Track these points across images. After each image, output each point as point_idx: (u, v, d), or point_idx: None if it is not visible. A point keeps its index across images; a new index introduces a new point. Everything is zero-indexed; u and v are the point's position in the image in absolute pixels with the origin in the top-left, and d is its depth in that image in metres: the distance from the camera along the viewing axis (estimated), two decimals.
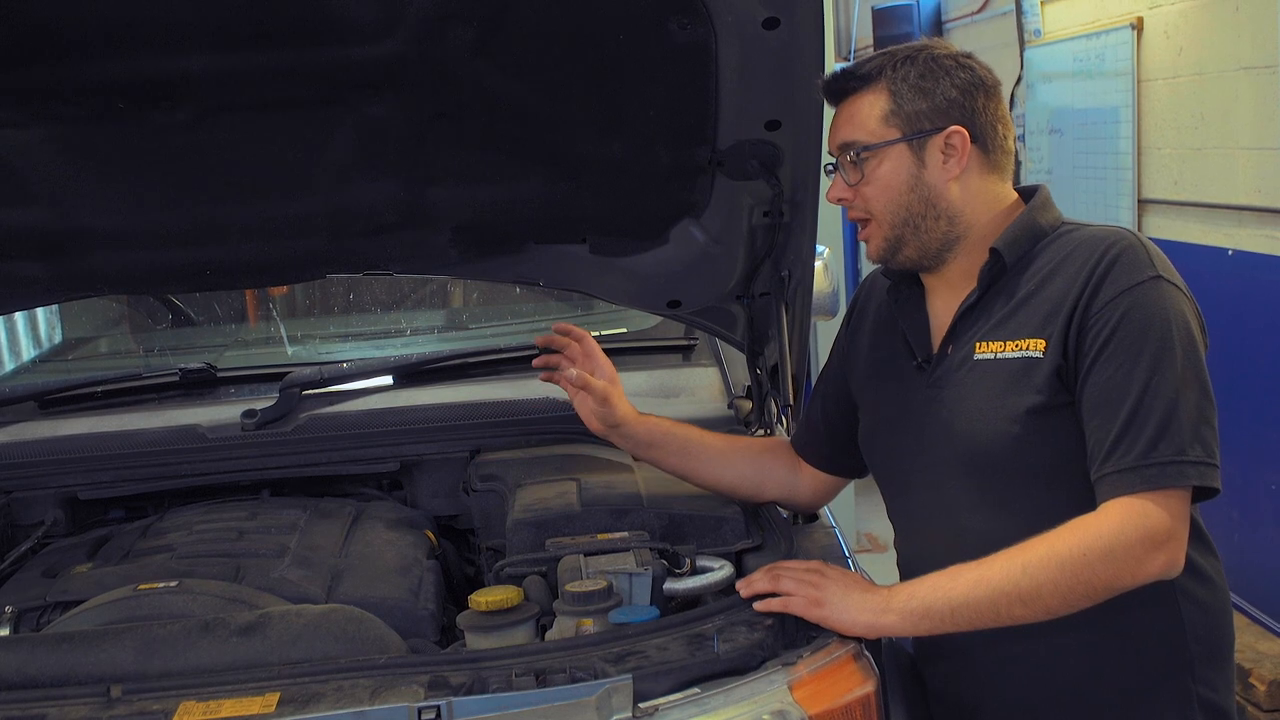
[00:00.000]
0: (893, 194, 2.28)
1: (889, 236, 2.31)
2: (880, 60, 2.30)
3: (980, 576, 2.10)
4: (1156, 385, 2.10)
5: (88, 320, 4.18)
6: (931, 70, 2.28)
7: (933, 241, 2.30)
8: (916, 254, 2.32)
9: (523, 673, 2.00)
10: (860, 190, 2.30)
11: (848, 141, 2.30)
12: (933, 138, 2.27)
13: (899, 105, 2.27)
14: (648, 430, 2.64)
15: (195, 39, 2.38)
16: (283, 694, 1.98)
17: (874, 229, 2.33)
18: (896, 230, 2.30)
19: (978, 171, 2.30)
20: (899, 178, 2.28)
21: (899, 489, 2.45)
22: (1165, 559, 2.08)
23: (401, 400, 3.16)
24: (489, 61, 2.47)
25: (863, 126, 2.29)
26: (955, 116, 2.27)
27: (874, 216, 2.31)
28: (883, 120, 2.27)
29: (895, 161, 2.28)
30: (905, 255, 2.33)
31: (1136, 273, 2.16)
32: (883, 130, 2.27)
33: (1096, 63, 6.42)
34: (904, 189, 2.28)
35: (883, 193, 2.29)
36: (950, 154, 2.27)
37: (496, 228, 2.86)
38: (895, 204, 2.28)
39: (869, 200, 2.30)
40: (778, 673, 2.04)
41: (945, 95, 2.27)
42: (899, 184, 2.28)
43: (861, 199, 2.31)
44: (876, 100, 2.28)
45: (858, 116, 2.29)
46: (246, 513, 2.81)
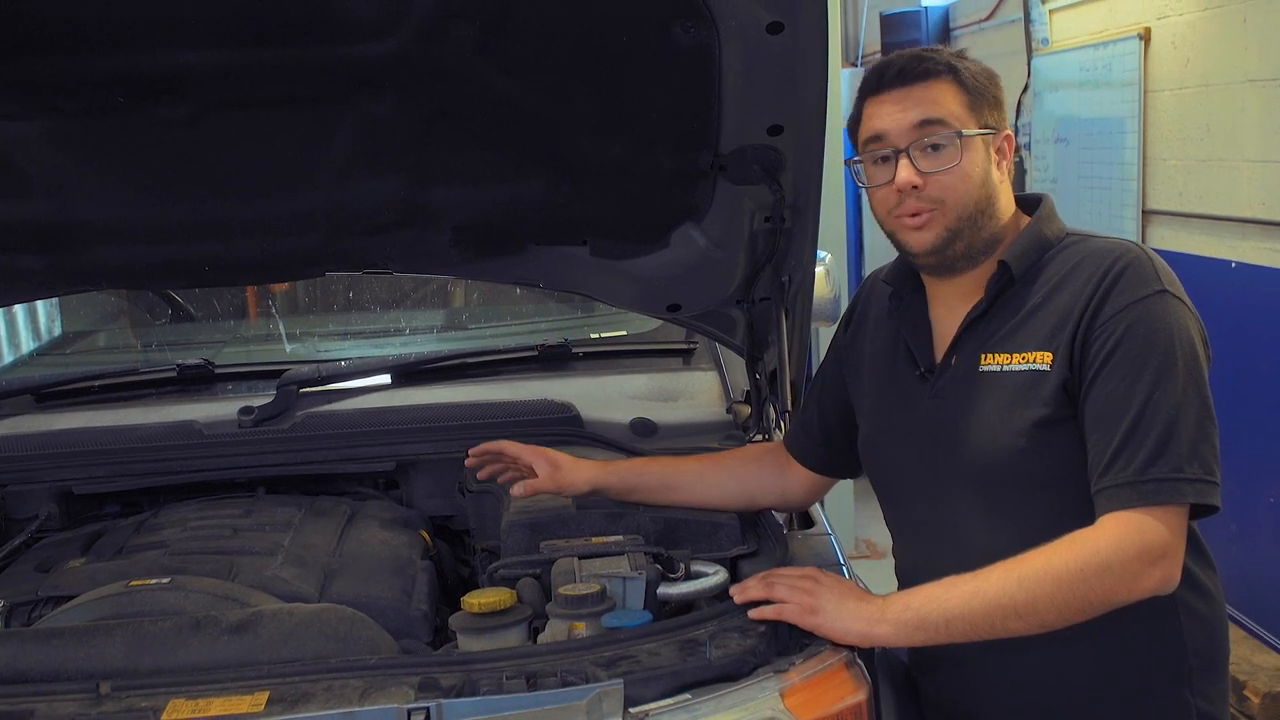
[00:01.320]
0: (971, 184, 2.23)
1: (951, 227, 2.24)
2: (941, 53, 2.28)
3: (976, 589, 2.09)
4: (1158, 401, 2.09)
5: (86, 314, 4.18)
6: (986, 71, 2.29)
7: (980, 240, 2.27)
8: (965, 249, 2.27)
9: (513, 675, 1.99)
10: (936, 178, 2.22)
11: (932, 119, 2.22)
12: (995, 136, 2.26)
13: (974, 99, 2.25)
14: (620, 478, 2.61)
15: (196, 34, 2.37)
16: (272, 693, 1.97)
17: (937, 217, 2.24)
18: (962, 222, 2.24)
19: (1007, 179, 2.31)
20: (977, 169, 2.24)
21: (899, 498, 2.44)
22: (1161, 575, 2.07)
23: (399, 400, 3.15)
24: (491, 61, 2.46)
25: (949, 110, 2.23)
26: (1005, 119, 2.29)
27: (943, 205, 2.23)
28: (967, 108, 2.24)
29: (976, 152, 2.24)
30: (955, 249, 2.27)
31: (1142, 287, 2.15)
32: (967, 117, 2.23)
33: (1103, 72, 6.41)
34: (979, 181, 2.24)
35: (962, 181, 2.22)
36: (1002, 157, 2.28)
37: (497, 228, 2.85)
38: (970, 195, 2.23)
39: (946, 188, 2.23)
40: (769, 680, 2.02)
41: (998, 97, 2.29)
42: (977, 176, 2.24)
43: (936, 186, 2.23)
44: (953, 88, 2.24)
45: (942, 100, 2.23)
46: (241, 510, 2.80)
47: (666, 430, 3.09)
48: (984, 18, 8.19)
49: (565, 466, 2.59)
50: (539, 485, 2.57)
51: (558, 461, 2.59)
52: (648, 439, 3.07)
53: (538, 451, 2.62)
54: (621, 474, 2.62)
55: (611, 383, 3.26)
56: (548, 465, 2.59)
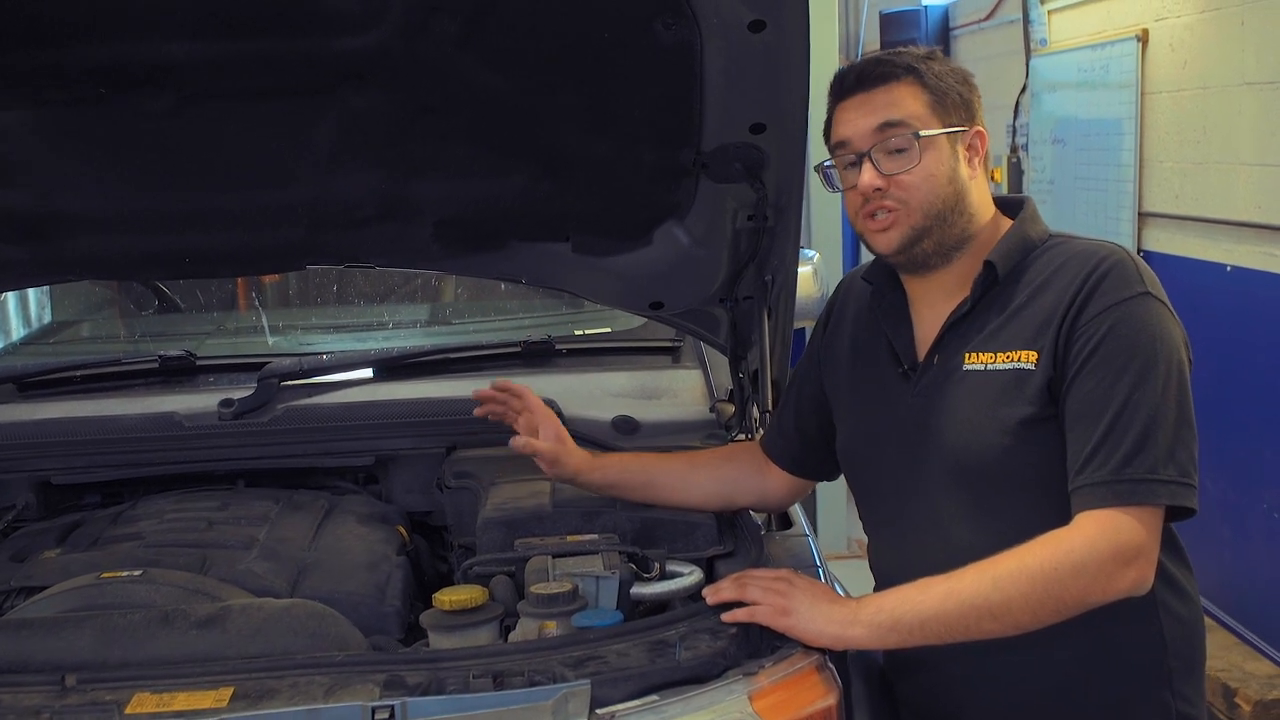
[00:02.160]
0: (934, 184, 2.23)
1: (917, 226, 2.25)
2: (903, 55, 2.29)
3: (950, 590, 2.08)
4: (1137, 401, 2.09)
5: (73, 304, 4.17)
6: (955, 71, 2.30)
7: (951, 238, 2.27)
8: (933, 248, 2.27)
9: (480, 674, 1.98)
10: (900, 179, 2.23)
11: (894, 122, 2.23)
12: (964, 134, 2.27)
13: (938, 98, 2.25)
14: (604, 474, 2.61)
15: (179, 26, 2.36)
16: (237, 688, 1.96)
17: (901, 217, 2.25)
18: (928, 220, 2.24)
19: (981, 175, 2.31)
20: (942, 169, 2.24)
21: (880, 499, 2.42)
22: (1135, 575, 2.07)
23: (381, 394, 3.13)
24: (473, 55, 2.45)
25: (910, 111, 2.24)
26: (975, 118, 2.29)
27: (908, 205, 2.24)
28: (929, 109, 2.24)
29: (940, 151, 2.24)
30: (922, 248, 2.27)
31: (1126, 289, 2.15)
32: (929, 118, 2.24)
33: (1101, 74, 6.39)
34: (944, 181, 2.24)
35: (925, 181, 2.23)
36: (973, 154, 2.28)
37: (479, 223, 2.84)
38: (935, 193, 2.24)
39: (908, 189, 2.23)
40: (738, 682, 2.01)
41: (968, 96, 2.28)
42: (942, 174, 2.24)
43: (899, 187, 2.24)
44: (918, 90, 2.25)
45: (902, 102, 2.24)
46: (218, 503, 2.79)
47: (649, 428, 3.07)
48: (983, 17, 8.16)
49: (567, 444, 2.61)
50: (539, 447, 2.57)
51: (563, 436, 2.62)
52: (630, 437, 3.05)
53: (551, 417, 2.65)
54: (606, 468, 2.61)
55: (595, 380, 3.25)
56: (553, 434, 2.61)
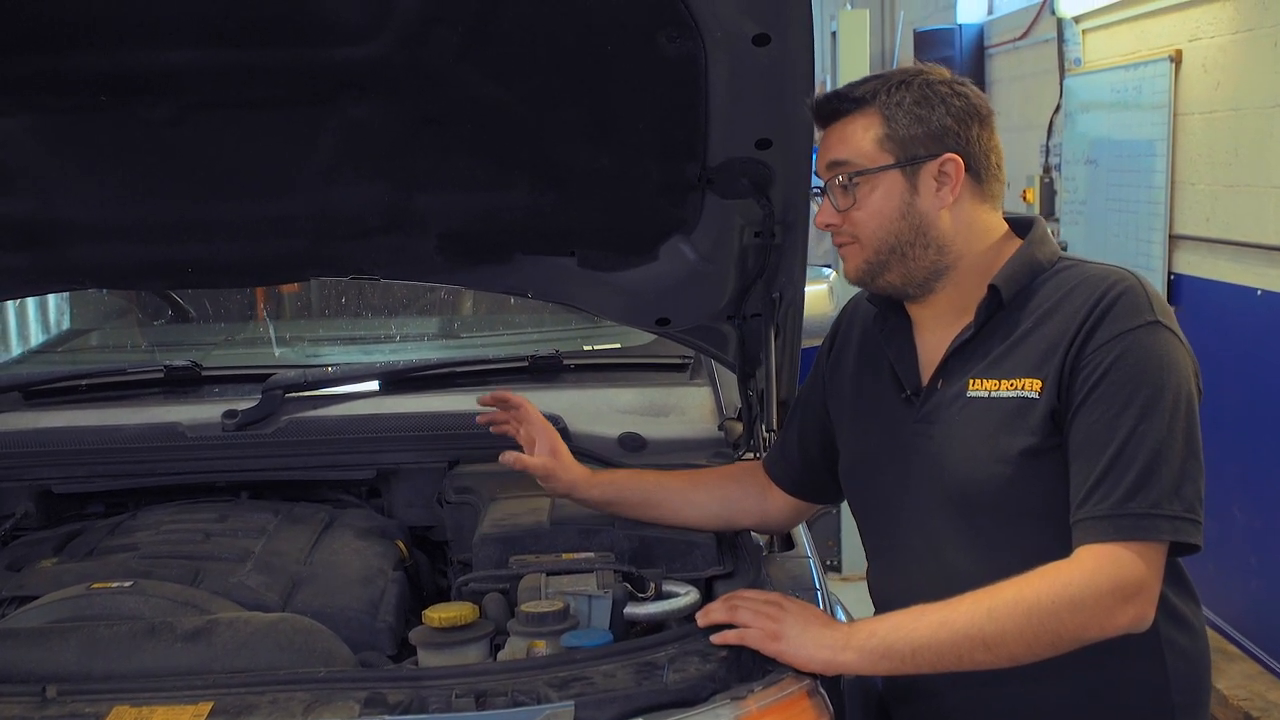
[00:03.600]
0: (883, 220, 2.21)
1: (871, 260, 2.24)
2: (873, 84, 2.24)
3: (944, 618, 2.04)
4: (1142, 433, 2.04)
5: (91, 312, 4.18)
6: (927, 96, 2.22)
7: (919, 270, 2.24)
8: (900, 280, 2.25)
9: (463, 694, 1.96)
10: (849, 215, 2.23)
11: (838, 161, 2.23)
12: (926, 165, 2.20)
13: (893, 130, 2.20)
14: (602, 490, 2.57)
15: (178, 34, 2.35)
16: (216, 703, 1.95)
17: (854, 251, 2.26)
18: (881, 255, 2.23)
19: (970, 200, 2.24)
20: (891, 204, 2.21)
21: (880, 524, 2.38)
22: (1135, 612, 2.02)
23: (385, 407, 3.11)
24: (475, 67, 2.44)
25: (855, 149, 2.22)
26: (950, 144, 2.21)
27: (859, 240, 2.24)
28: (877, 144, 2.21)
29: (888, 187, 2.21)
30: (886, 280, 2.26)
31: (1135, 316, 2.10)
32: (876, 154, 2.21)
33: (1134, 94, 6.33)
34: (895, 216, 2.21)
35: (872, 218, 2.22)
36: (944, 182, 2.21)
37: (483, 236, 2.82)
38: (885, 230, 2.22)
39: (857, 225, 2.23)
40: (725, 707, 1.98)
41: (940, 122, 2.21)
42: (890, 210, 2.21)
43: (850, 224, 2.24)
44: (870, 124, 2.22)
45: (851, 139, 2.23)
46: (217, 515, 2.78)
47: (656, 445, 3.04)
48: (1018, 36, 8.12)
49: (562, 458, 2.58)
50: (530, 463, 2.55)
51: (558, 450, 2.59)
52: (636, 454, 3.02)
53: (548, 429, 2.62)
54: (604, 485, 2.58)
55: (602, 396, 3.22)
56: (548, 447, 2.58)
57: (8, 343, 4.06)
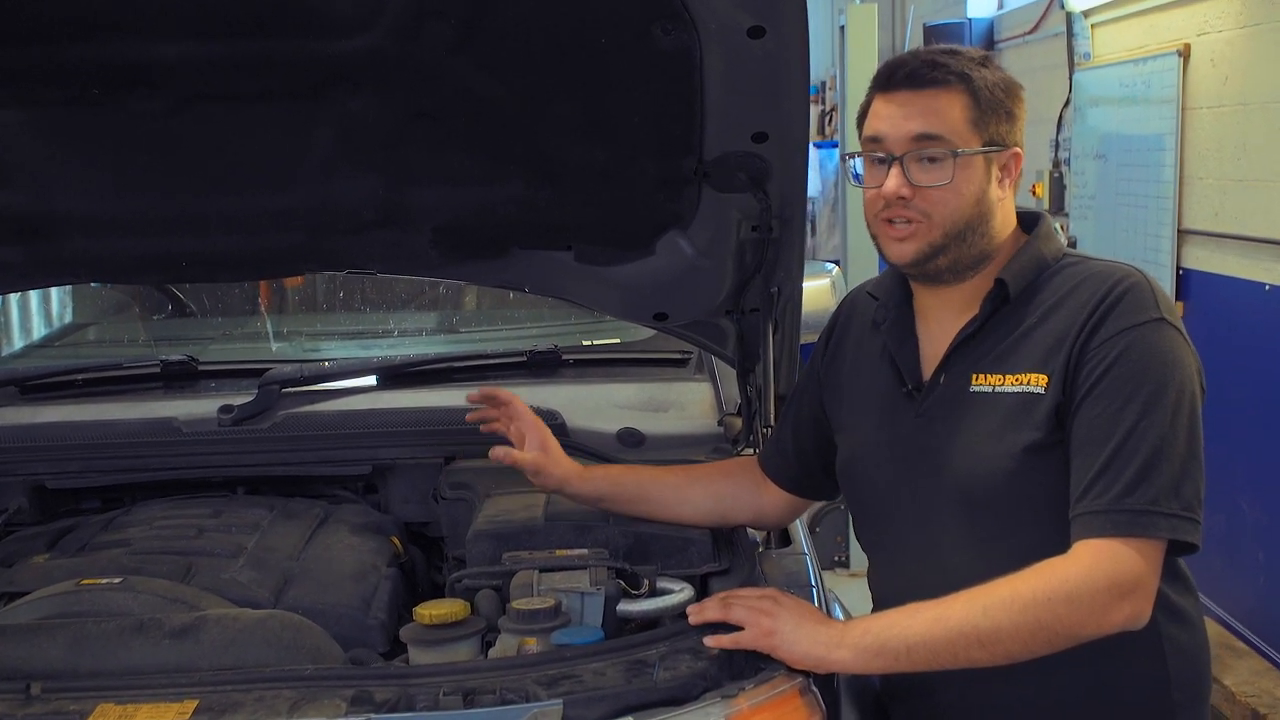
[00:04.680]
0: (962, 202, 2.16)
1: (935, 243, 2.17)
2: (960, 60, 2.18)
3: (939, 615, 2.02)
4: (1143, 429, 2.02)
5: (93, 306, 4.17)
6: (1007, 83, 2.20)
7: (968, 257, 2.20)
8: (949, 264, 2.20)
9: (451, 691, 1.94)
10: (927, 191, 2.15)
11: (929, 134, 2.15)
12: (1000, 154, 2.18)
13: (984, 113, 2.16)
14: (594, 485, 2.55)
15: (173, 27, 2.34)
16: (201, 701, 1.93)
17: (921, 230, 2.17)
18: (947, 239, 2.17)
19: (1010, 195, 2.23)
20: (973, 187, 2.16)
21: (879, 520, 2.36)
22: (1131, 609, 2.00)
23: (381, 402, 3.10)
24: (469, 60, 2.42)
25: (949, 125, 2.15)
26: (1018, 135, 2.20)
27: (930, 219, 2.16)
28: (970, 124, 2.15)
29: (974, 170, 2.16)
30: (938, 263, 2.20)
31: (1140, 313, 2.08)
32: (968, 134, 2.15)
33: (1143, 89, 6.29)
34: (973, 200, 2.16)
35: (954, 198, 2.15)
36: (1006, 174, 2.20)
37: (478, 230, 2.80)
38: (960, 212, 2.16)
39: (934, 203, 2.15)
40: (716, 705, 1.96)
41: (1015, 111, 2.20)
42: (971, 194, 2.16)
43: (925, 200, 2.15)
44: (963, 100, 2.15)
45: (944, 112, 2.15)
46: (211, 510, 2.76)
47: (654, 441, 3.02)
48: (1028, 30, 8.08)
49: (552, 454, 2.56)
50: (519, 458, 2.53)
51: (549, 445, 2.56)
52: (634, 450, 3.00)
53: (538, 425, 2.60)
54: (596, 480, 2.56)
55: (601, 391, 3.20)
56: (539, 443, 2.56)
57: (9, 337, 4.04)
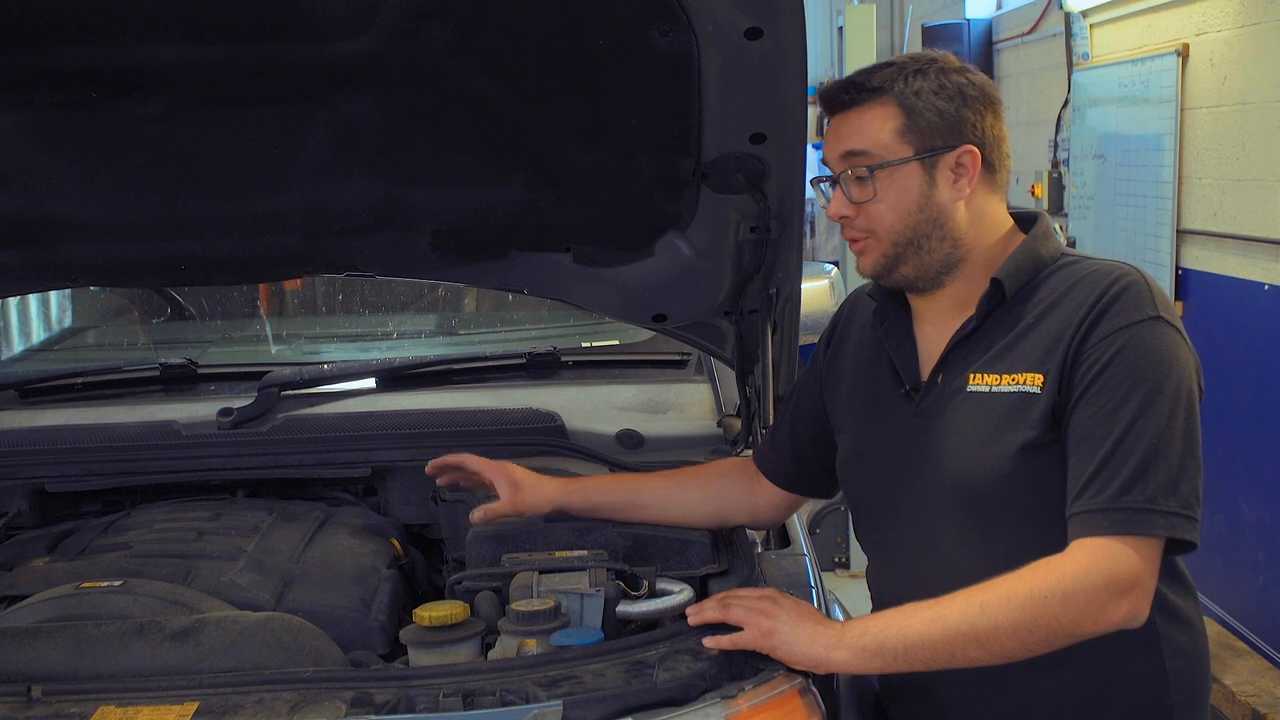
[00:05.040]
0: (901, 213, 2.17)
1: (887, 254, 2.20)
2: (889, 72, 2.19)
3: (937, 614, 2.02)
4: (1141, 427, 2.01)
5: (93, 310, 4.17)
6: (944, 85, 2.18)
7: (934, 263, 2.20)
8: (914, 274, 2.22)
9: (451, 693, 1.94)
10: (865, 207, 2.18)
11: (855, 151, 2.17)
12: (945, 156, 2.17)
13: (912, 120, 2.16)
14: (584, 497, 2.54)
15: (169, 30, 2.34)
16: (202, 704, 1.93)
17: (872, 244, 2.21)
18: (898, 249, 2.19)
19: (982, 192, 2.21)
20: (910, 196, 2.17)
21: (878, 519, 2.36)
22: (1129, 607, 1.99)
23: (381, 405, 3.10)
24: (466, 62, 2.42)
25: (874, 139, 2.16)
26: (967, 134, 2.17)
27: (874, 234, 2.20)
28: (897, 135, 2.16)
29: (907, 179, 2.17)
30: (901, 274, 2.22)
31: (1136, 311, 2.08)
32: (896, 145, 2.16)
33: (1141, 89, 6.30)
34: (913, 208, 2.17)
35: (891, 211, 2.17)
36: (961, 173, 2.18)
37: (476, 232, 2.80)
38: (902, 223, 2.18)
39: (874, 218, 2.19)
40: (715, 705, 1.96)
41: (958, 112, 2.17)
42: (909, 203, 2.17)
43: (865, 216, 2.19)
44: (888, 113, 2.16)
45: (868, 129, 2.17)
46: (210, 513, 2.76)
47: (654, 443, 3.03)
48: (1026, 31, 8.08)
49: (526, 486, 2.52)
50: (498, 509, 2.51)
51: (518, 481, 2.52)
52: (634, 451, 3.01)
53: (499, 469, 2.55)
54: (586, 492, 2.55)
55: (600, 393, 3.20)
56: (508, 486, 2.52)
57: (9, 340, 4.04)
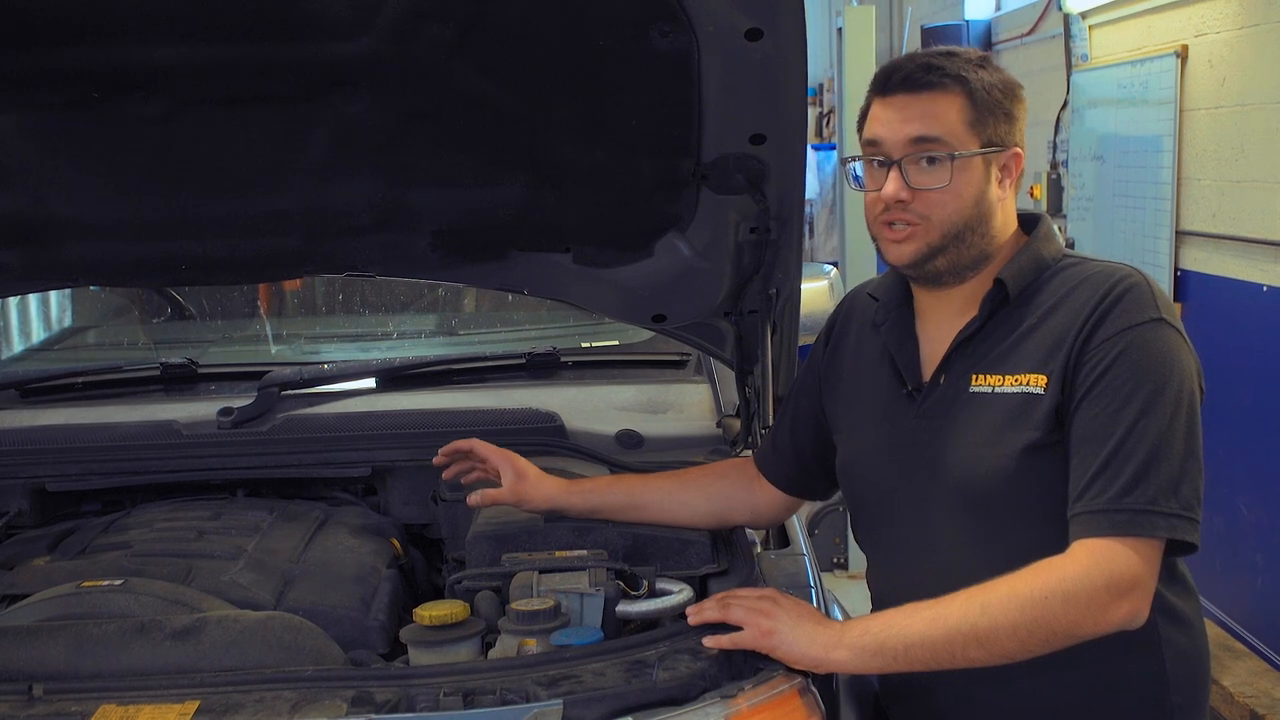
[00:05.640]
0: (961, 204, 2.16)
1: (934, 244, 2.18)
2: (957, 61, 2.18)
3: (938, 614, 2.02)
4: (1142, 429, 2.02)
5: (94, 310, 4.17)
6: (1006, 83, 2.20)
7: (967, 258, 2.20)
8: (948, 266, 2.20)
9: (451, 692, 1.95)
10: (926, 194, 2.15)
11: (927, 137, 2.15)
12: (1000, 154, 2.18)
13: (981, 114, 2.16)
14: (584, 498, 2.54)
15: (170, 30, 2.34)
16: (202, 702, 1.94)
17: (919, 232, 2.17)
18: (946, 240, 2.17)
19: (1010, 196, 2.24)
20: (972, 189, 2.16)
21: (879, 520, 2.36)
22: (1129, 608, 1.99)
23: (382, 404, 3.11)
24: (467, 62, 2.43)
25: (948, 127, 2.15)
26: (1018, 136, 2.20)
27: (928, 221, 2.17)
28: (968, 126, 2.16)
29: (972, 172, 2.16)
30: (935, 265, 2.20)
31: (1139, 313, 2.08)
32: (966, 136, 2.15)
33: (1140, 90, 6.30)
34: (971, 201, 2.17)
35: (953, 200, 2.15)
36: (1006, 174, 2.20)
37: (477, 233, 2.81)
38: (959, 214, 2.16)
39: (933, 205, 2.16)
40: (715, 705, 1.96)
41: (1014, 112, 2.20)
42: (970, 195, 2.16)
43: (923, 203, 2.16)
44: (960, 102, 2.16)
45: (942, 115, 2.15)
46: (211, 512, 2.76)
47: (653, 443, 3.03)
48: (1025, 32, 8.08)
49: (530, 479, 2.53)
50: (497, 496, 2.52)
51: (523, 472, 2.53)
52: (633, 451, 3.01)
53: (506, 456, 2.56)
54: (585, 493, 2.55)
55: (600, 393, 3.21)
56: (512, 474, 2.53)
57: (9, 340, 4.05)
